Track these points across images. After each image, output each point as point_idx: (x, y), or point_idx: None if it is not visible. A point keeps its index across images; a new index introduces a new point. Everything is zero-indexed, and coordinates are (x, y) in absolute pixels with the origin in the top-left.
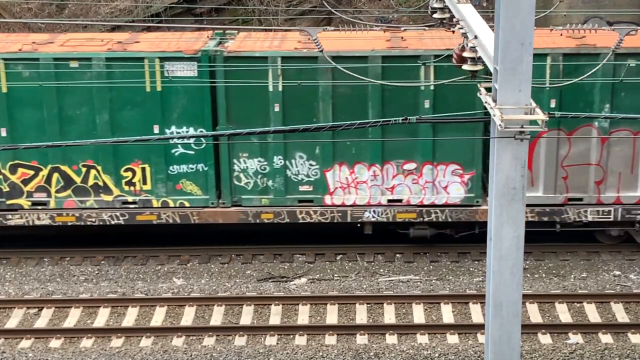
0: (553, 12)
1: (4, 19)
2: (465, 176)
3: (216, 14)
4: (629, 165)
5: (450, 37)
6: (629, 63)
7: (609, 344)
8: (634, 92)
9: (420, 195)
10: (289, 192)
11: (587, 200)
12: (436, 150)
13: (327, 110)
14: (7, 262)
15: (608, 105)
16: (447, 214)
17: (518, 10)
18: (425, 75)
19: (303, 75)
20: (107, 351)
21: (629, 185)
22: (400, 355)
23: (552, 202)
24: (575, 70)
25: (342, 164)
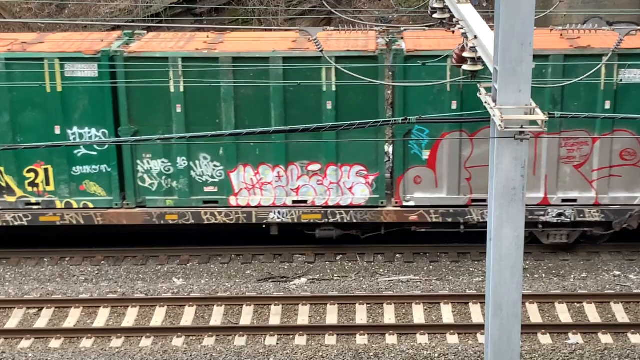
0: (553, 12)
1: (4, 19)
2: (369, 177)
3: (216, 14)
4: (531, 166)
5: (356, 37)
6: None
7: (609, 344)
8: (534, 93)
9: (325, 196)
10: (193, 193)
11: None
12: (340, 151)
13: (229, 111)
14: (7, 262)
15: None
16: (352, 215)
17: (518, 11)
18: (327, 76)
19: (205, 76)
20: (107, 351)
21: (532, 187)
22: (400, 355)
23: (457, 203)
24: None
25: (246, 165)
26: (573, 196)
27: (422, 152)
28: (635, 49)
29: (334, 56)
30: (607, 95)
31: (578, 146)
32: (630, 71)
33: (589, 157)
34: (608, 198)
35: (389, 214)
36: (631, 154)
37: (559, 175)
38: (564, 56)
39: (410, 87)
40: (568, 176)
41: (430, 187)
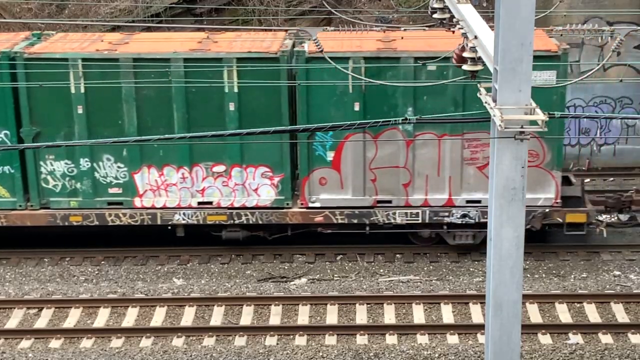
0: (553, 12)
1: (4, 19)
2: (275, 178)
3: (216, 14)
4: (435, 167)
5: (263, 39)
6: (428, 67)
7: (609, 344)
8: (435, 95)
9: (230, 197)
10: (98, 195)
11: (396, 202)
12: (244, 152)
13: (131, 112)
14: (7, 262)
15: (411, 109)
16: (257, 217)
17: (518, 10)
18: (229, 77)
19: (106, 77)
20: (107, 351)
21: (437, 188)
22: (400, 355)
23: (362, 204)
24: (378, 74)
25: (150, 166)
26: (477, 197)
27: (327, 153)
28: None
29: (235, 57)
30: None
31: (481, 148)
32: (544, 73)
33: None
34: None
35: (295, 215)
36: (533, 155)
37: (462, 177)
38: None
39: (312, 89)
40: (472, 177)
41: (336, 189)
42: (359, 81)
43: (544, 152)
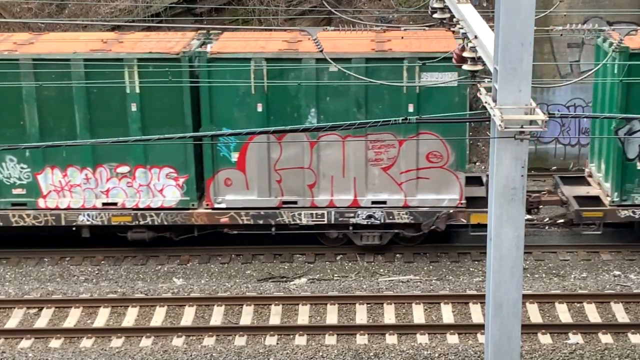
0: (553, 12)
1: (4, 19)
2: (180, 179)
3: (216, 14)
4: (340, 168)
5: (169, 39)
6: (330, 68)
7: (609, 344)
8: (338, 96)
9: (135, 198)
10: (2, 196)
11: (302, 203)
12: (148, 153)
13: (32, 113)
14: (7, 262)
15: (314, 110)
16: (162, 217)
17: (518, 11)
18: (130, 77)
19: (6, 77)
20: (107, 351)
21: (342, 189)
22: (400, 355)
23: (268, 205)
24: (280, 75)
25: (54, 167)
26: (382, 198)
27: (231, 154)
28: (434, 52)
29: (136, 58)
30: (410, 98)
31: (385, 149)
32: (432, 74)
33: (396, 160)
34: (416, 200)
35: (200, 216)
36: (437, 156)
37: (367, 178)
38: (365, 59)
39: (215, 90)
40: (377, 178)
41: (241, 189)
42: (262, 82)
43: (447, 153)
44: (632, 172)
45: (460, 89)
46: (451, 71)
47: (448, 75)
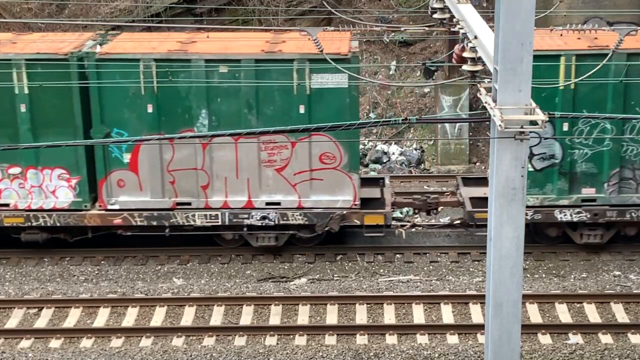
0: (553, 12)
1: (4, 19)
2: (72, 180)
3: (216, 14)
4: (233, 170)
5: (62, 40)
6: (220, 69)
7: (609, 344)
8: (228, 97)
9: (27, 199)
10: None
11: (196, 204)
12: (39, 154)
13: None
14: (7, 262)
15: (205, 111)
16: (55, 219)
17: (518, 11)
18: (19, 78)
19: None
20: (107, 351)
21: (236, 190)
22: (400, 355)
23: (161, 206)
24: (170, 75)
25: None
26: (277, 199)
27: (123, 155)
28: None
29: (24, 59)
30: (300, 99)
31: (278, 150)
32: (322, 76)
33: (289, 161)
34: (310, 201)
35: (93, 217)
36: (330, 157)
37: (261, 179)
38: (255, 60)
39: (105, 90)
40: (270, 179)
41: (135, 191)
42: (151, 82)
43: (340, 154)
44: None
45: (352, 90)
46: (343, 72)
47: (338, 76)
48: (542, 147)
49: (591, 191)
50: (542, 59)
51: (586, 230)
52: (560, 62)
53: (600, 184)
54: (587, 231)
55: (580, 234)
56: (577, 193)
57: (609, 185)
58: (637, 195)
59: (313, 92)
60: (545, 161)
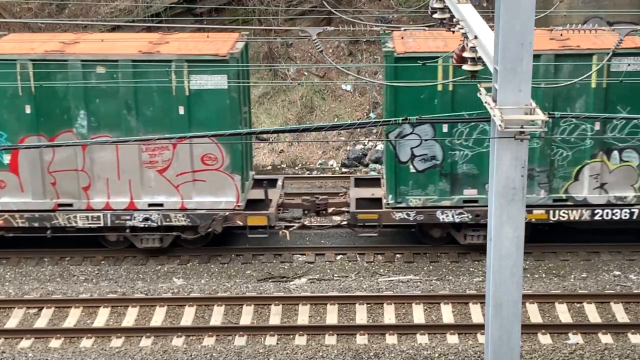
0: (553, 12)
1: (4, 19)
2: None
3: (216, 14)
4: (115, 171)
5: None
6: (97, 70)
7: (609, 344)
8: (107, 98)
9: None
10: None
11: (77, 205)
12: None
13: None
14: (7, 262)
15: (84, 112)
16: None
17: (518, 11)
18: None
19: None
20: (107, 351)
21: (118, 191)
22: (400, 355)
23: (43, 207)
24: (47, 77)
25: None
26: (159, 200)
27: (3, 156)
28: (203, 55)
29: None
30: (179, 100)
31: (159, 151)
32: (201, 77)
33: (171, 162)
34: (193, 202)
35: None
36: (212, 159)
37: (143, 180)
38: (132, 61)
39: None
40: (153, 181)
41: (16, 192)
42: (28, 83)
43: (222, 156)
44: (405, 175)
45: (231, 91)
46: (221, 73)
47: (217, 77)
48: (423, 149)
49: (473, 192)
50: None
51: (470, 231)
52: (439, 64)
53: (481, 185)
54: (471, 232)
55: (464, 234)
56: (459, 194)
57: None
58: None
59: (192, 93)
60: (427, 162)
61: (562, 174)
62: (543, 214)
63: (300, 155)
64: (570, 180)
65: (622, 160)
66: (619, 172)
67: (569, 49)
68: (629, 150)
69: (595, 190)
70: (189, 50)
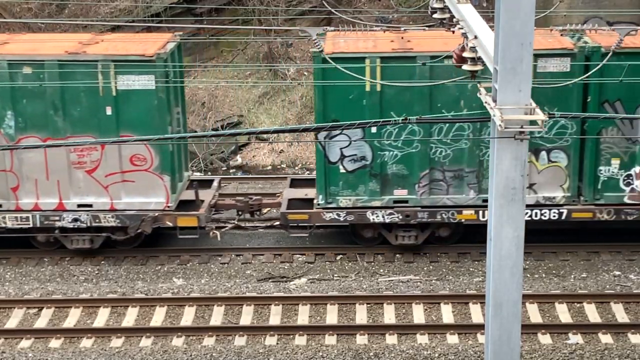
0: (553, 12)
1: (4, 19)
2: None
3: (216, 14)
4: (43, 171)
5: None
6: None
7: (609, 344)
8: (35, 99)
9: None
10: None
11: (6, 206)
12: None
13: None
14: (7, 262)
15: (11, 112)
16: None
17: (518, 11)
18: None
19: None
20: (107, 351)
21: (47, 192)
22: (400, 355)
23: None
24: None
25: None
26: (89, 201)
27: None
28: (129, 55)
29: None
30: (107, 101)
31: (88, 151)
32: (128, 77)
33: (99, 163)
34: (123, 203)
35: None
36: (141, 159)
37: (72, 181)
38: (58, 62)
39: None
40: (82, 181)
41: None
42: None
43: (151, 156)
44: (335, 175)
45: (158, 91)
46: (148, 74)
47: (145, 78)
48: (353, 149)
49: (403, 193)
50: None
51: (400, 232)
52: (366, 64)
53: (411, 186)
54: (402, 232)
55: (395, 235)
56: (389, 194)
57: (419, 187)
58: (447, 196)
59: (119, 93)
60: (357, 163)
61: None
62: (472, 215)
63: (300, 155)
64: None
65: (550, 160)
66: (548, 173)
67: None
68: (557, 151)
69: None
70: (116, 50)
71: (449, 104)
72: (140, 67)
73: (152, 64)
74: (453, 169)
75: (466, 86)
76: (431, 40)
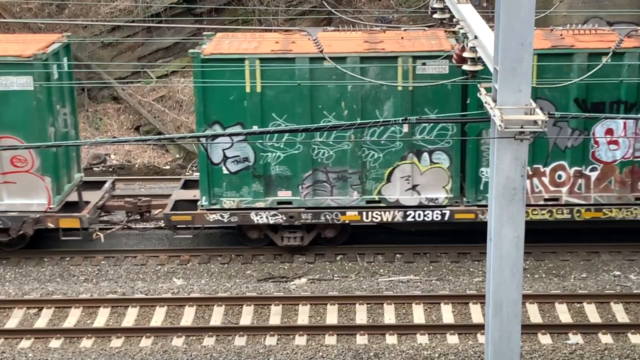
0: (553, 12)
1: (4, 19)
2: None
3: (216, 14)
4: None
5: None
6: None
7: (609, 344)
8: None
9: None
10: None
11: None
12: None
13: None
14: (7, 262)
15: None
16: None
17: (518, 11)
18: None
19: None
20: (107, 351)
21: None
22: (400, 355)
23: None
24: None
25: None
26: None
27: None
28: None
29: None
30: None
31: None
32: (6, 78)
33: None
34: (5, 205)
35: None
36: (22, 160)
37: None
38: None
39: None
40: None
41: None
42: None
43: (32, 158)
44: (218, 176)
45: (37, 92)
46: (26, 75)
47: (23, 79)
48: (235, 150)
49: (287, 194)
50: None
51: (286, 233)
52: (246, 66)
53: (295, 187)
54: (287, 233)
55: (281, 236)
56: (273, 196)
57: (303, 188)
58: (331, 197)
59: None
60: (240, 164)
61: (375, 175)
62: (356, 216)
63: None
64: (383, 182)
65: (432, 162)
66: (430, 174)
67: (374, 52)
68: (438, 152)
69: (407, 191)
70: (6, 52)
71: (329, 106)
72: (18, 68)
73: (29, 65)
74: (336, 170)
75: (346, 87)
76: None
